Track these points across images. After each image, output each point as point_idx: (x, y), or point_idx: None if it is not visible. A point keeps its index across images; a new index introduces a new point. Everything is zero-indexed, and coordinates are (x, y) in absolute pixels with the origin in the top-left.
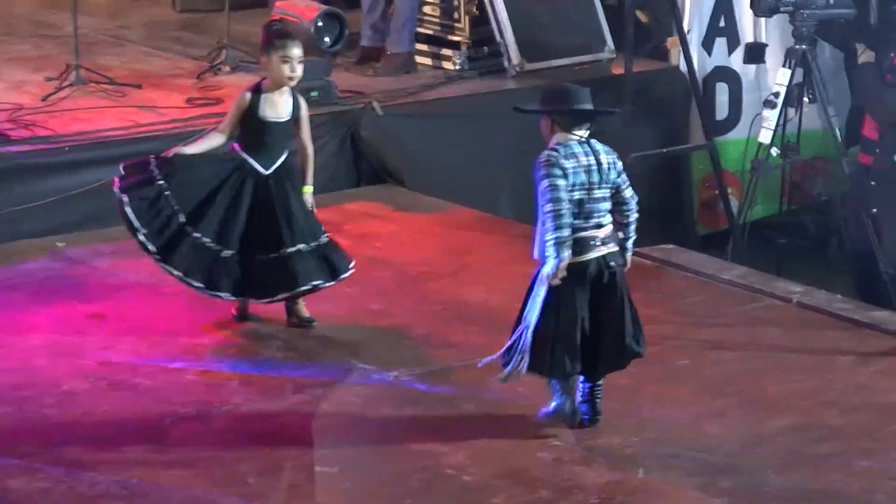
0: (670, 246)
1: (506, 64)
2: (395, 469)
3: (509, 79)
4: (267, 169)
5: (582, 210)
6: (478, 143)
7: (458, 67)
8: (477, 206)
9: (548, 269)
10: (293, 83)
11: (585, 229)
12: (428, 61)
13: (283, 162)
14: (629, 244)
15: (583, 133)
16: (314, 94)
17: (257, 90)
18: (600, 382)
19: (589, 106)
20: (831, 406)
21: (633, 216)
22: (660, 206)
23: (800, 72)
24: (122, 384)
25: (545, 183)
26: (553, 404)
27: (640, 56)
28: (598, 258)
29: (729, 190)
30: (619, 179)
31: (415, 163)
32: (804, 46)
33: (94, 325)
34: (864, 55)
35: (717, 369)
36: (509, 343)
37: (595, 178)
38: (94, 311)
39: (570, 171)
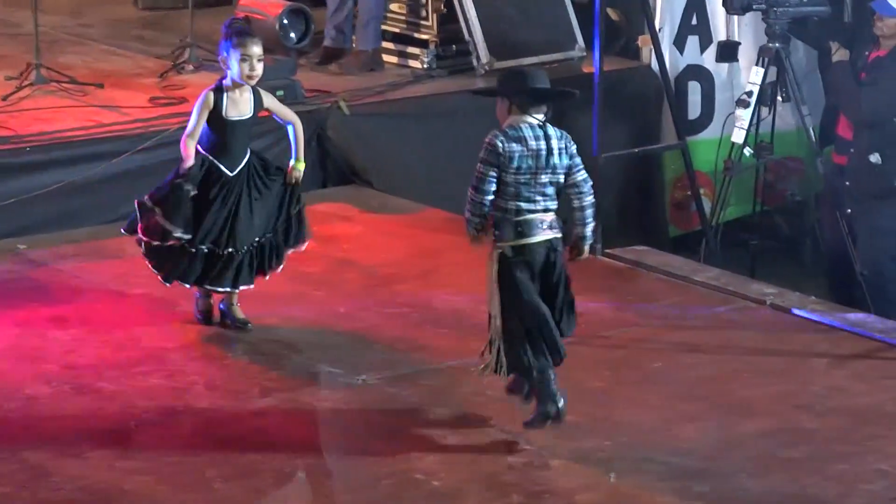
0: (642, 247)
1: (474, 63)
2: (364, 474)
3: (478, 78)
4: (232, 171)
5: (529, 193)
6: (446, 143)
7: (425, 66)
8: (446, 206)
9: (471, 240)
10: (253, 82)
11: (533, 212)
12: (395, 60)
13: (247, 162)
14: (588, 231)
15: (539, 116)
16: (279, 93)
17: (219, 89)
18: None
19: (545, 85)
20: (806, 409)
21: (588, 199)
22: (631, 206)
23: (773, 70)
24: (86, 388)
25: (479, 167)
26: (537, 410)
27: (611, 54)
28: (546, 241)
29: (701, 190)
30: (571, 163)
31: (382, 163)
32: (777, 45)
33: (57, 329)
34: (839, 53)
35: (690, 372)
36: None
37: (542, 162)
38: (56, 313)
39: (516, 155)
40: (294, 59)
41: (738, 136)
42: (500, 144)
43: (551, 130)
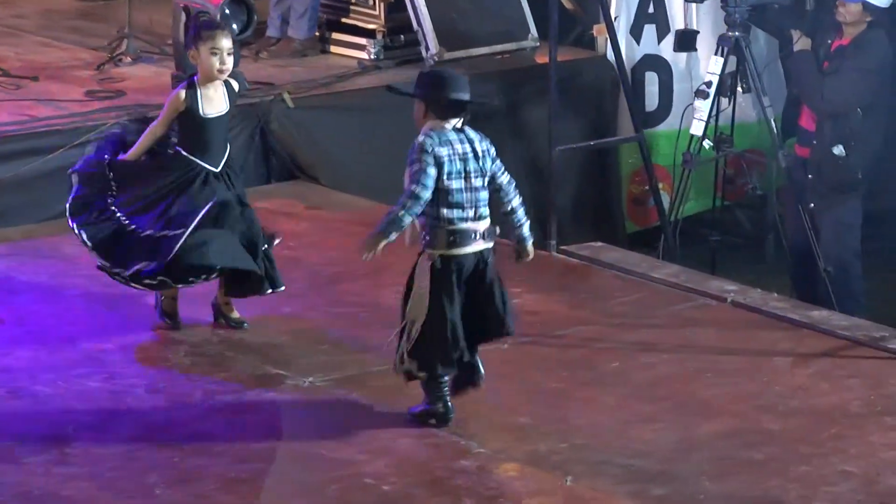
0: (598, 244)
1: (424, 53)
2: (311, 479)
3: (427, 69)
4: (217, 167)
5: (462, 200)
6: (395, 137)
7: (373, 57)
8: (395, 202)
9: (372, 243)
10: (224, 76)
11: (466, 220)
12: (341, 50)
13: (229, 156)
14: (526, 230)
15: (456, 122)
16: None
17: (191, 86)
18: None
19: (465, 96)
20: (768, 410)
21: (517, 199)
22: (587, 201)
23: (733, 60)
24: (22, 392)
25: (416, 167)
26: (424, 405)
27: (565, 44)
28: (476, 253)
29: (660, 185)
30: (494, 166)
31: (328, 158)
32: (737, 33)
33: None
34: (801, 42)
35: (647, 373)
36: (399, 338)
37: (472, 166)
38: None
39: (446, 158)
40: (237, 49)
41: (698, 129)
42: (431, 147)
43: (472, 133)
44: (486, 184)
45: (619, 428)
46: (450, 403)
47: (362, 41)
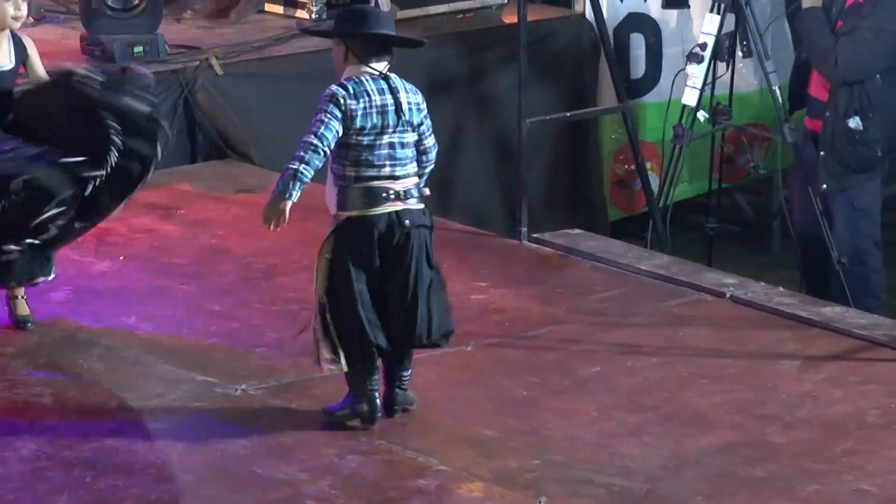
0: (576, 231)
1: None
2: (245, 501)
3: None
4: None
5: (373, 158)
6: None
7: (314, 17)
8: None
9: (274, 209)
10: (19, 24)
11: (377, 178)
12: (278, 9)
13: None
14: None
15: (381, 66)
16: (138, 49)
17: None
18: (404, 368)
19: (389, 31)
20: (771, 420)
21: (430, 168)
22: (563, 183)
23: (731, 19)
24: None
25: (319, 116)
26: (345, 403)
27: (536, 2)
28: (389, 213)
29: (648, 164)
30: (422, 126)
31: (263, 133)
32: None
33: None
34: None
35: (633, 378)
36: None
37: (391, 119)
38: None
39: (360, 112)
40: (157, 8)
41: (691, 98)
42: (342, 99)
43: (397, 82)
44: (410, 142)
45: (600, 442)
46: (377, 401)
47: None
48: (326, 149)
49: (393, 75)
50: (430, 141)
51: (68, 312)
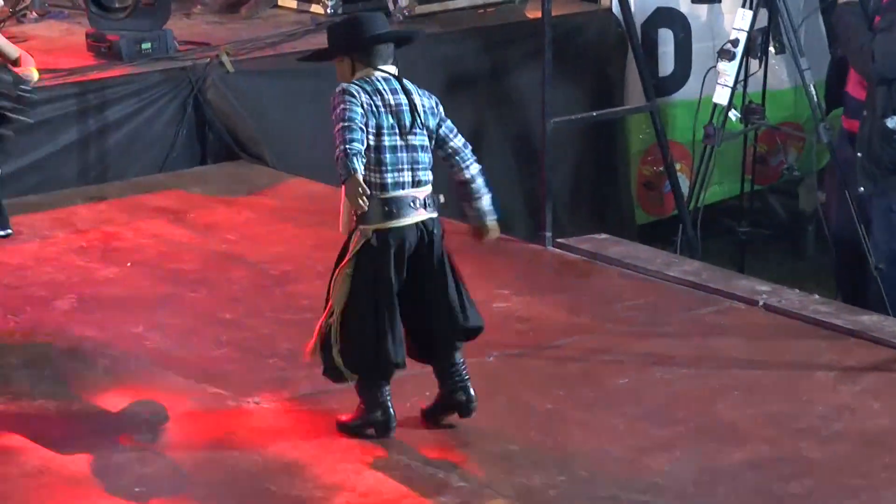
0: (603, 236)
1: (391, 6)
2: None
3: (396, 25)
4: None
5: (397, 161)
6: None
7: (329, 11)
8: None
9: (349, 192)
10: None
11: (403, 186)
12: (292, 4)
13: None
14: (486, 203)
15: (389, 68)
16: (146, 45)
17: None
18: (458, 361)
19: (386, 30)
20: (807, 434)
21: (474, 166)
22: (589, 185)
23: (764, 13)
24: None
25: (339, 109)
26: (358, 413)
27: None
28: (417, 224)
29: (677, 165)
30: (443, 128)
31: (276, 133)
32: None
33: None
34: None
35: (662, 390)
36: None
37: (407, 119)
38: None
39: (374, 110)
40: (165, 2)
41: (722, 97)
42: (356, 92)
43: (411, 86)
44: (428, 145)
45: (628, 457)
46: (391, 409)
47: None
48: (361, 125)
49: (404, 79)
50: (458, 140)
51: (73, 321)
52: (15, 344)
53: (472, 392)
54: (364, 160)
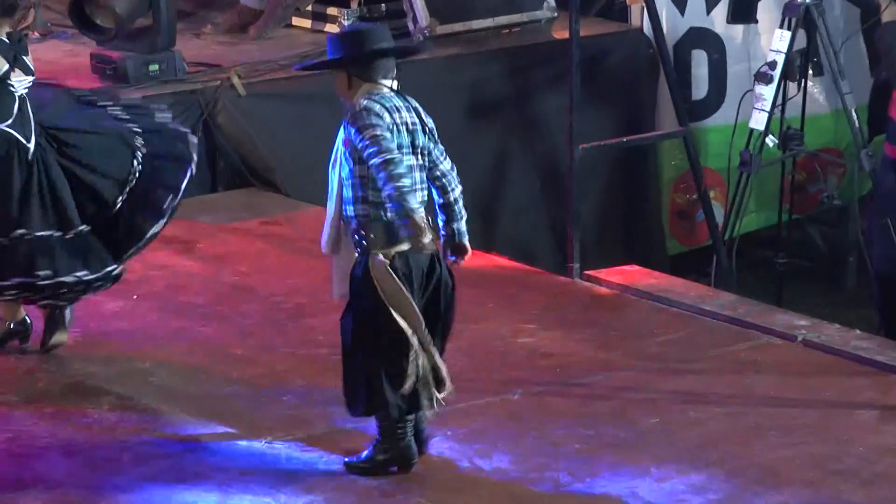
0: (633, 267)
1: (411, 26)
2: None
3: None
4: (29, 140)
5: (414, 181)
6: None
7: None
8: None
9: (415, 227)
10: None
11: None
12: (306, 24)
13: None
14: (462, 226)
15: (390, 83)
16: (153, 67)
17: None
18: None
19: (388, 44)
20: (847, 476)
21: (458, 189)
22: (618, 214)
23: (802, 34)
24: None
25: (368, 133)
26: (375, 451)
27: (590, 15)
28: (431, 254)
29: (711, 193)
30: (437, 149)
31: (289, 158)
32: (808, 0)
33: None
34: (889, 11)
35: (695, 430)
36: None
37: (419, 139)
38: None
39: (394, 128)
40: (170, 22)
41: (759, 122)
42: (379, 110)
43: (413, 101)
44: (424, 164)
45: (660, 500)
46: (412, 443)
47: (334, 11)
48: (397, 152)
49: (407, 96)
50: (447, 163)
51: (77, 357)
52: (16, 380)
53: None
54: (413, 194)
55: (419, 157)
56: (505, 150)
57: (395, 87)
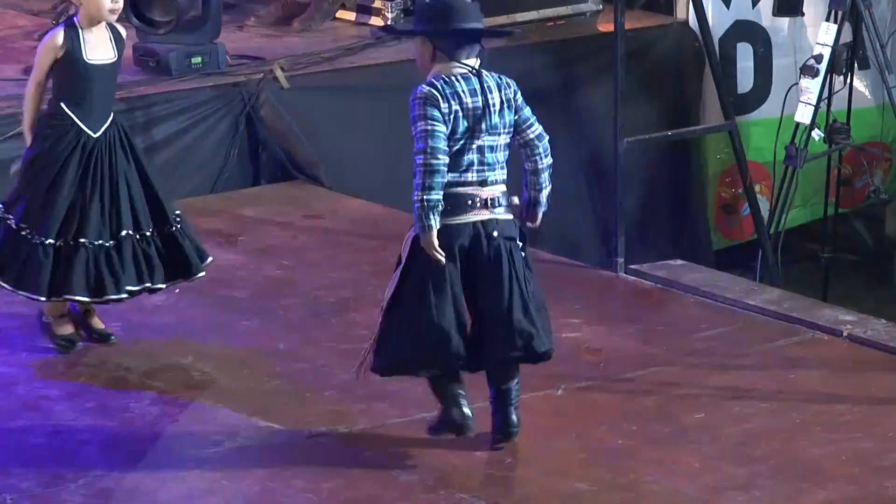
0: (678, 262)
1: None
2: None
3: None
4: (96, 131)
5: (460, 161)
6: None
7: (390, 24)
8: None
9: (424, 245)
10: (114, 17)
11: (462, 185)
12: (350, 16)
13: (113, 120)
14: (543, 196)
15: (471, 62)
16: (196, 60)
17: (72, 27)
18: (510, 386)
19: (477, 24)
20: (893, 473)
21: (546, 160)
22: (663, 208)
23: (849, 28)
24: None
25: (420, 126)
26: (438, 415)
27: (635, 8)
28: (474, 223)
29: (756, 187)
30: (519, 117)
31: (332, 152)
32: None
33: None
34: None
35: (740, 426)
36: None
37: (483, 123)
38: None
39: (452, 116)
40: (215, 14)
41: (804, 115)
42: (439, 100)
43: (489, 79)
44: (501, 144)
45: (703, 497)
46: (467, 409)
47: (378, 4)
48: (443, 158)
49: (485, 72)
50: (534, 131)
51: (118, 351)
52: (57, 375)
53: (513, 417)
54: (437, 210)
55: (480, 139)
56: (549, 143)
57: (474, 65)
